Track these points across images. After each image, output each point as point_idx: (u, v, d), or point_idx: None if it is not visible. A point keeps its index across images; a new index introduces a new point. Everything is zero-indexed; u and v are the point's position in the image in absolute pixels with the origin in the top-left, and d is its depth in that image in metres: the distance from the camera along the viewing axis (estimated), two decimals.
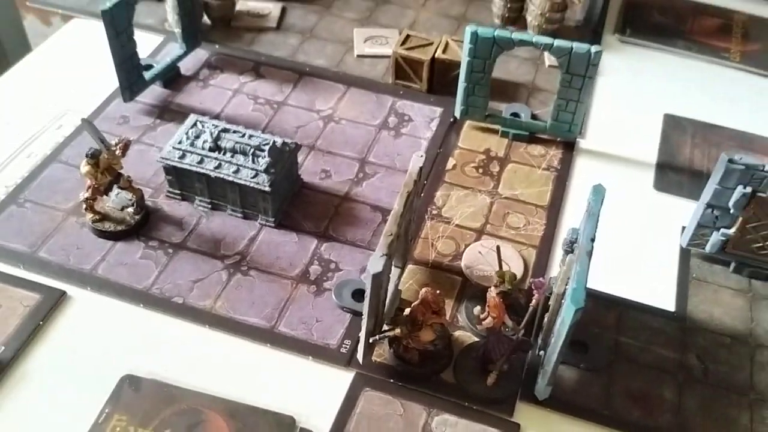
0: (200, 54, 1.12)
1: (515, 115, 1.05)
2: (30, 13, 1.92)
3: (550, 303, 0.73)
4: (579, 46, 0.91)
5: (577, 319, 0.63)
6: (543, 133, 1.03)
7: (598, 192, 0.72)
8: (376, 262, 0.64)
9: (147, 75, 1.03)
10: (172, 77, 1.07)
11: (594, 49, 0.91)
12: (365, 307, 0.67)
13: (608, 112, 1.10)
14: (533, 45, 0.93)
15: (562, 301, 0.68)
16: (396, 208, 0.70)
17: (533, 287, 0.73)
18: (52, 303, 0.78)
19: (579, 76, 0.94)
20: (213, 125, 0.88)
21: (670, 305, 0.84)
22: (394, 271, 0.82)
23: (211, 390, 0.72)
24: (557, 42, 0.92)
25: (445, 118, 1.05)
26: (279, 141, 0.87)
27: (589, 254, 0.67)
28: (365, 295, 0.66)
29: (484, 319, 0.75)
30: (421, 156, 0.75)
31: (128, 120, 1.01)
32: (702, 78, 1.18)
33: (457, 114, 1.02)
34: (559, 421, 0.73)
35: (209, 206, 0.89)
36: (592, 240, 0.68)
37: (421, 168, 0.74)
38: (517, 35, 0.93)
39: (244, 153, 0.85)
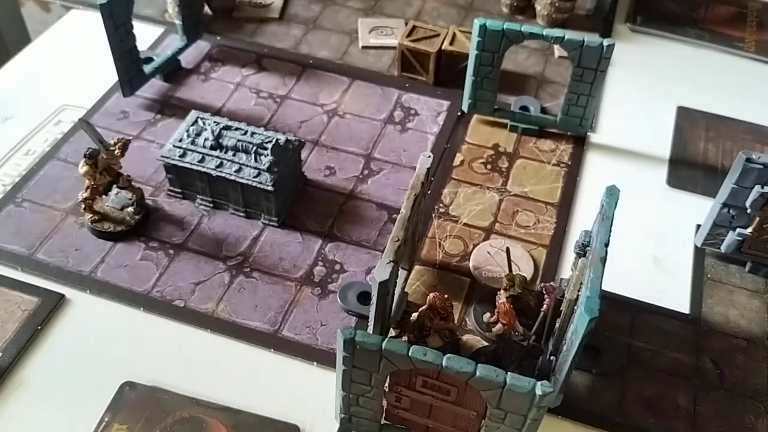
0: (201, 46, 1.10)
1: (524, 108, 1.02)
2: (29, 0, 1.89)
3: (561, 308, 0.71)
4: (591, 40, 0.89)
5: (591, 328, 0.60)
6: (553, 128, 1.00)
7: (613, 194, 0.69)
8: (382, 269, 0.62)
9: (147, 68, 1.01)
10: (173, 70, 1.05)
11: (606, 42, 0.88)
12: (371, 314, 0.65)
13: (619, 105, 1.07)
14: (543, 38, 0.90)
15: (575, 307, 0.66)
16: (403, 212, 0.67)
17: (544, 291, 0.71)
18: (51, 307, 0.76)
19: (591, 70, 0.91)
20: (214, 122, 0.86)
21: (684, 307, 0.82)
22: (401, 274, 0.80)
23: (214, 397, 0.70)
24: (568, 35, 0.89)
25: (453, 111, 1.03)
26: (282, 138, 0.84)
27: (603, 260, 0.64)
28: (371, 303, 0.64)
29: (494, 325, 0.73)
30: (429, 156, 0.73)
31: (128, 115, 0.99)
32: (715, 69, 1.15)
33: (465, 108, 1.00)
34: (571, 429, 0.71)
35: (211, 205, 0.87)
36: (606, 245, 0.65)
37: (428, 169, 0.72)
38: (526, 28, 0.90)
39: (247, 151, 0.83)
